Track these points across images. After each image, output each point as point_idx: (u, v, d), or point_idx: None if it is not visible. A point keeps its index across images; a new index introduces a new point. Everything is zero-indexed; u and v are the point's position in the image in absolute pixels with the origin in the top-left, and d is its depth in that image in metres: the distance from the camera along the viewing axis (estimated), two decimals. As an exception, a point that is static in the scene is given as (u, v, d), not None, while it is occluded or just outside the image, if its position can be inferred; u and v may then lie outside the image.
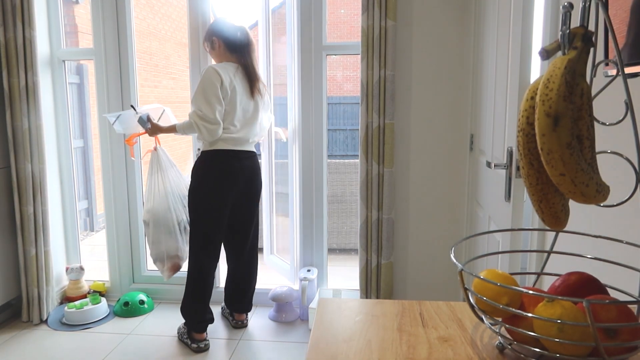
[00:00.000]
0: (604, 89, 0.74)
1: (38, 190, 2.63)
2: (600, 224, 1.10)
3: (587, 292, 0.70)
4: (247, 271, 2.64)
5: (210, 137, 2.26)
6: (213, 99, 2.23)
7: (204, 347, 2.40)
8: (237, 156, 2.37)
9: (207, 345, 2.42)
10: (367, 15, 2.38)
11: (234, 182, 2.37)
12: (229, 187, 2.36)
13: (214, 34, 2.39)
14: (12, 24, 2.53)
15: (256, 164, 2.49)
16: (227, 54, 2.38)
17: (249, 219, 2.56)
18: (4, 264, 2.66)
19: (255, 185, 2.51)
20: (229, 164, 2.35)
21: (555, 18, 1.40)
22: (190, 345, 2.41)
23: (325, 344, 0.77)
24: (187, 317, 2.46)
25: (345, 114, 10.56)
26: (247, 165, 2.41)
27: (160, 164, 2.53)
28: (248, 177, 2.44)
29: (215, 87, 2.23)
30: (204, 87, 2.24)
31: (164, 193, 2.51)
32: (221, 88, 2.25)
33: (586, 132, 0.67)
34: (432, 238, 2.67)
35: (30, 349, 2.43)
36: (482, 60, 2.23)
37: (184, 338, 2.46)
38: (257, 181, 2.52)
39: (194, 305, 2.43)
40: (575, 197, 0.67)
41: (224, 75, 2.26)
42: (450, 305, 0.90)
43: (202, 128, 2.23)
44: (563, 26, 0.66)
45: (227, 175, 2.35)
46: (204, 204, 2.37)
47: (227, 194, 2.37)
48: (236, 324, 2.66)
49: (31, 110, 2.59)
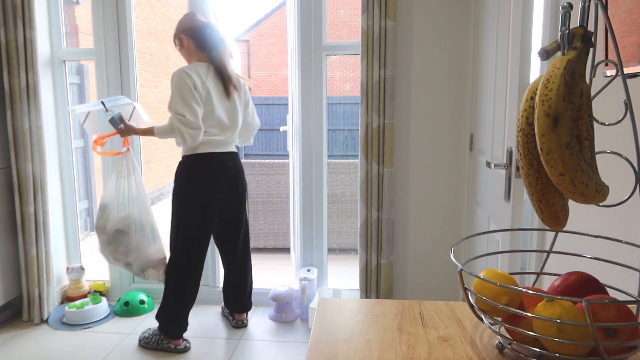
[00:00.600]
0: (603, 89, 0.74)
1: (38, 190, 2.64)
2: (599, 224, 1.10)
3: (587, 292, 0.70)
4: (242, 271, 2.63)
5: (193, 142, 2.19)
6: (192, 102, 2.15)
7: (188, 347, 2.41)
8: (220, 159, 2.32)
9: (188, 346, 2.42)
10: (367, 15, 2.38)
11: (219, 185, 2.33)
12: (215, 191, 2.32)
13: (183, 31, 2.30)
14: (12, 24, 2.53)
15: (239, 164, 2.45)
16: (197, 53, 2.30)
17: (238, 220, 2.54)
18: (5, 264, 2.67)
19: (241, 186, 2.48)
20: (212, 168, 2.30)
21: (554, 18, 1.40)
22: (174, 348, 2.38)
23: (325, 343, 0.77)
24: (167, 324, 2.38)
25: (345, 114, 10.56)
26: (230, 167, 2.37)
27: (130, 168, 2.42)
28: (233, 179, 2.40)
29: (190, 89, 2.16)
30: (181, 91, 2.15)
31: (136, 197, 2.40)
32: (195, 90, 2.18)
33: (585, 132, 0.67)
34: (432, 238, 2.67)
35: (31, 348, 2.43)
36: (482, 60, 2.23)
37: (164, 344, 2.38)
38: (242, 181, 2.49)
39: (176, 313, 2.37)
40: (575, 197, 0.67)
41: (196, 77, 2.19)
42: (450, 305, 0.90)
43: (185, 134, 2.15)
44: (562, 26, 0.67)
45: (212, 179, 2.31)
46: (189, 209, 2.31)
47: (212, 198, 2.32)
48: (236, 323, 2.66)
49: (32, 110, 2.59)
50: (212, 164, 2.30)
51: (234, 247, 2.57)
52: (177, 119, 2.14)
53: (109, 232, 2.37)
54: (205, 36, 2.29)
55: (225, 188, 2.37)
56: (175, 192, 2.34)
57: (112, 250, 2.39)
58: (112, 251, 2.39)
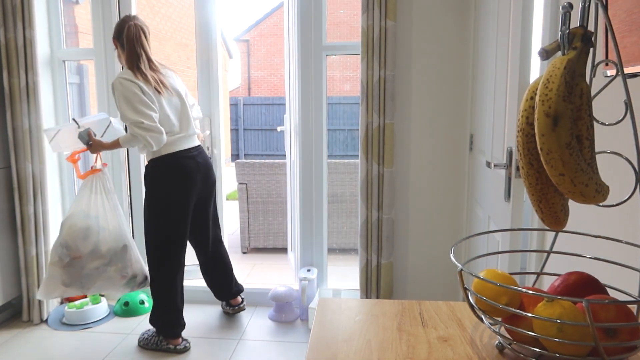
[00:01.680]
0: (603, 89, 0.74)
1: (38, 190, 2.64)
2: (599, 224, 1.10)
3: (587, 292, 0.70)
4: (220, 256, 2.64)
5: (158, 145, 2.17)
6: (142, 106, 2.14)
7: (188, 347, 2.41)
8: (188, 155, 2.31)
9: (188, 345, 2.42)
10: (367, 15, 2.38)
11: (193, 181, 2.33)
12: (191, 186, 2.33)
13: (113, 36, 2.29)
14: (12, 24, 2.53)
15: (207, 156, 2.46)
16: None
17: (209, 212, 2.56)
18: (5, 264, 2.67)
19: (211, 178, 2.48)
20: (183, 165, 2.30)
21: (555, 18, 1.40)
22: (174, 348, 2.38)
23: (325, 343, 0.77)
24: (162, 326, 2.39)
25: (345, 114, 10.56)
26: (200, 161, 2.38)
27: (106, 186, 2.39)
28: (204, 173, 2.40)
29: (136, 94, 2.14)
30: (128, 99, 2.13)
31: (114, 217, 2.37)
32: (143, 93, 2.16)
33: (586, 132, 0.67)
34: (432, 238, 2.67)
35: (31, 348, 2.43)
36: (482, 60, 2.23)
37: (163, 345, 2.38)
38: (212, 173, 2.49)
39: (168, 313, 2.37)
40: (575, 197, 0.67)
41: (134, 79, 2.16)
42: (450, 305, 0.90)
43: (149, 139, 2.14)
44: (563, 26, 0.66)
45: (185, 177, 2.30)
46: (169, 211, 2.31)
47: (189, 195, 2.33)
48: (233, 309, 2.68)
49: (31, 110, 2.59)
50: (181, 161, 2.29)
51: (206, 239, 2.58)
52: (135, 125, 2.13)
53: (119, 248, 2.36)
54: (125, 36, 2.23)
55: (199, 183, 2.38)
56: (151, 198, 2.32)
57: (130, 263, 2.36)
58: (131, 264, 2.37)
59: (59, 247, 2.32)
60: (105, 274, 2.35)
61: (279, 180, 3.91)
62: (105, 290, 2.41)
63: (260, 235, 3.96)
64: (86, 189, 2.36)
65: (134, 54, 2.22)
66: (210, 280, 2.67)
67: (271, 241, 3.98)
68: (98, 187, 2.37)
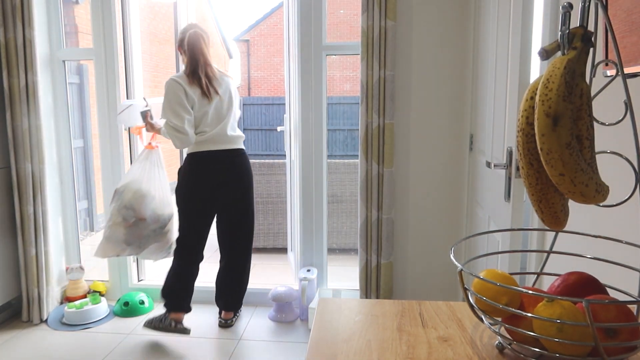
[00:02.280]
0: (603, 89, 0.74)
1: (38, 190, 2.64)
2: (599, 224, 1.10)
3: (587, 292, 0.70)
4: (239, 268, 2.66)
5: (182, 145, 2.36)
6: (179, 109, 2.32)
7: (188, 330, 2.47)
8: (214, 157, 2.43)
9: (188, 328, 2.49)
10: (367, 15, 2.38)
11: (211, 182, 2.44)
12: (205, 187, 2.45)
13: (178, 44, 2.47)
14: (12, 24, 2.53)
15: (239, 160, 2.51)
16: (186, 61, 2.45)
17: (238, 217, 2.60)
18: (4, 264, 2.66)
19: (242, 183, 2.53)
20: (205, 165, 2.43)
21: (555, 18, 1.40)
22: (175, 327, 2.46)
23: (325, 344, 0.77)
24: (170, 295, 2.51)
25: (345, 114, 10.55)
26: (227, 164, 2.47)
27: (160, 161, 2.59)
28: (233, 175, 2.49)
29: (178, 97, 2.32)
30: (169, 100, 2.34)
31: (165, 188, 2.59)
32: (186, 97, 2.34)
33: (586, 132, 0.67)
34: (432, 238, 2.67)
35: (30, 348, 2.43)
36: (482, 61, 2.23)
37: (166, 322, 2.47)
38: (244, 178, 2.53)
39: (178, 286, 2.52)
40: (575, 197, 0.67)
41: (184, 83, 2.34)
42: (450, 305, 0.90)
43: (174, 138, 2.34)
44: (562, 26, 0.66)
45: (203, 176, 2.43)
46: (182, 203, 2.50)
47: (202, 194, 2.46)
48: (221, 322, 2.66)
49: (31, 110, 2.59)
50: (204, 161, 2.43)
51: (233, 239, 2.62)
52: (167, 124, 2.34)
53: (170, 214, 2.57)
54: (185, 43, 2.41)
55: (223, 185, 2.47)
56: (176, 186, 2.53)
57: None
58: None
59: (123, 208, 2.49)
60: (159, 236, 2.54)
61: (278, 180, 3.91)
62: (151, 254, 2.59)
63: (260, 235, 3.96)
64: (146, 161, 2.57)
65: (193, 60, 2.39)
66: (219, 283, 2.69)
67: (271, 241, 3.98)
68: (154, 160, 2.58)
